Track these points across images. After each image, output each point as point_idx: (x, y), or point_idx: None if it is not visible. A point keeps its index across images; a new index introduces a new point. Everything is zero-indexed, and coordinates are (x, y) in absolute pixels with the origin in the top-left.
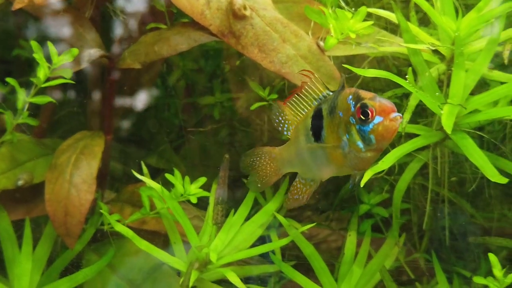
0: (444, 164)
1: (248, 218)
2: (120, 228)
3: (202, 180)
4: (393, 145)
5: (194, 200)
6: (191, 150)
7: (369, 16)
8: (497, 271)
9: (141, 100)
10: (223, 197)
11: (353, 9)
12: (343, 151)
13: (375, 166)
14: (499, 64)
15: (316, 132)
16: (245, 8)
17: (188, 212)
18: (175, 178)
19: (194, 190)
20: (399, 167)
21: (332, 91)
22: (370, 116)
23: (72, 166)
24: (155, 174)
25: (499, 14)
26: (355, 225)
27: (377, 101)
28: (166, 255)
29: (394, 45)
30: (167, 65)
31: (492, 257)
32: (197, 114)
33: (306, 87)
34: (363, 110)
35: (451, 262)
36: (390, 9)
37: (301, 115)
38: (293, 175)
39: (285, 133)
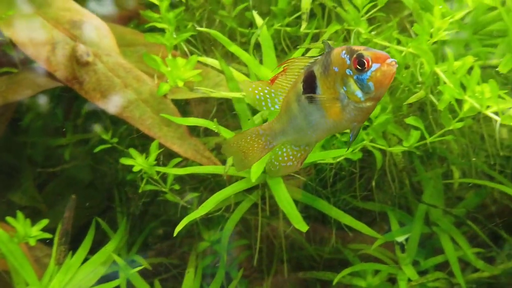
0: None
1: None
2: None
3: (44, 222)
4: None
5: (32, 242)
6: (56, 187)
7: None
8: None
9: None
10: (67, 238)
11: None
12: (342, 104)
13: (193, 213)
14: None
15: (310, 93)
16: (88, 55)
17: (40, 251)
18: (17, 220)
19: (35, 232)
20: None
21: (318, 55)
22: (366, 65)
23: None
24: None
25: None
26: (194, 262)
27: (371, 51)
28: None
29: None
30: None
31: None
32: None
33: (291, 66)
34: (359, 60)
35: None
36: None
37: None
38: None
39: (271, 108)
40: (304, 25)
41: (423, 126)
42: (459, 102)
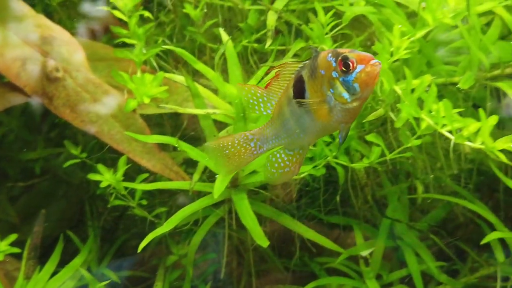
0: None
1: None
2: None
3: (13, 236)
4: None
5: (1, 257)
6: (29, 201)
7: None
8: None
9: None
10: (36, 252)
11: None
12: (329, 106)
13: (158, 229)
14: None
15: (299, 98)
16: (57, 70)
17: (11, 265)
18: None
19: (3, 247)
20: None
21: (306, 60)
22: (351, 67)
23: None
24: None
25: None
26: (162, 275)
27: (356, 53)
28: None
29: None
30: None
31: None
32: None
33: (283, 70)
34: (345, 62)
35: None
36: None
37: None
38: None
39: (264, 112)
40: (269, 42)
41: (383, 143)
42: (419, 119)
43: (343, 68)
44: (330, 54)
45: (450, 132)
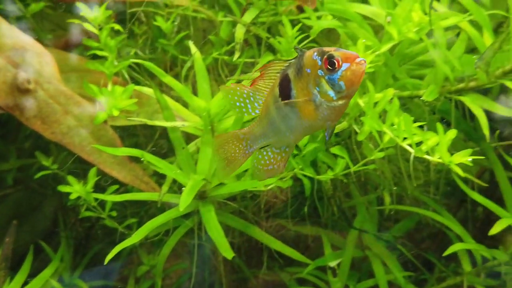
0: None
1: None
2: None
3: None
4: None
5: None
6: (3, 211)
7: None
8: None
9: None
10: (7, 263)
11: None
12: (315, 104)
13: (126, 241)
14: None
15: (285, 96)
16: (28, 82)
17: None
18: None
19: None
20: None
21: (292, 59)
22: (337, 65)
23: None
24: None
25: None
26: (132, 286)
27: (341, 51)
28: None
29: None
30: None
31: None
32: None
33: (268, 70)
34: (330, 60)
35: None
36: None
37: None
38: None
39: (252, 113)
40: (237, 55)
41: (347, 156)
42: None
43: (329, 67)
44: (315, 53)
45: (410, 145)
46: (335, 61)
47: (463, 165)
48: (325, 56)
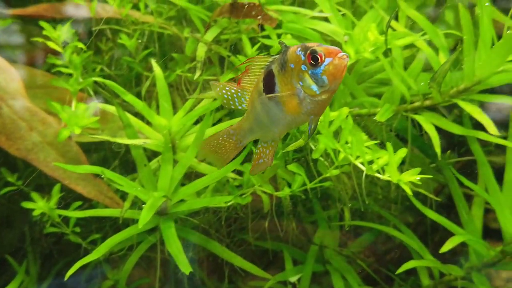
0: None
1: None
2: None
3: None
4: None
5: None
6: None
7: None
8: None
9: None
10: None
11: None
12: (299, 98)
13: (86, 257)
14: None
15: (270, 91)
16: None
17: None
18: None
19: None
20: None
21: (276, 55)
22: (320, 60)
23: None
24: None
25: None
26: None
27: (324, 47)
28: None
29: None
30: None
31: None
32: None
33: (252, 65)
34: (313, 55)
35: None
36: None
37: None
38: None
39: (239, 107)
40: (198, 73)
41: (303, 173)
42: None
43: (312, 61)
44: (299, 48)
45: (362, 163)
46: (318, 56)
47: (424, 179)
48: (308, 51)
